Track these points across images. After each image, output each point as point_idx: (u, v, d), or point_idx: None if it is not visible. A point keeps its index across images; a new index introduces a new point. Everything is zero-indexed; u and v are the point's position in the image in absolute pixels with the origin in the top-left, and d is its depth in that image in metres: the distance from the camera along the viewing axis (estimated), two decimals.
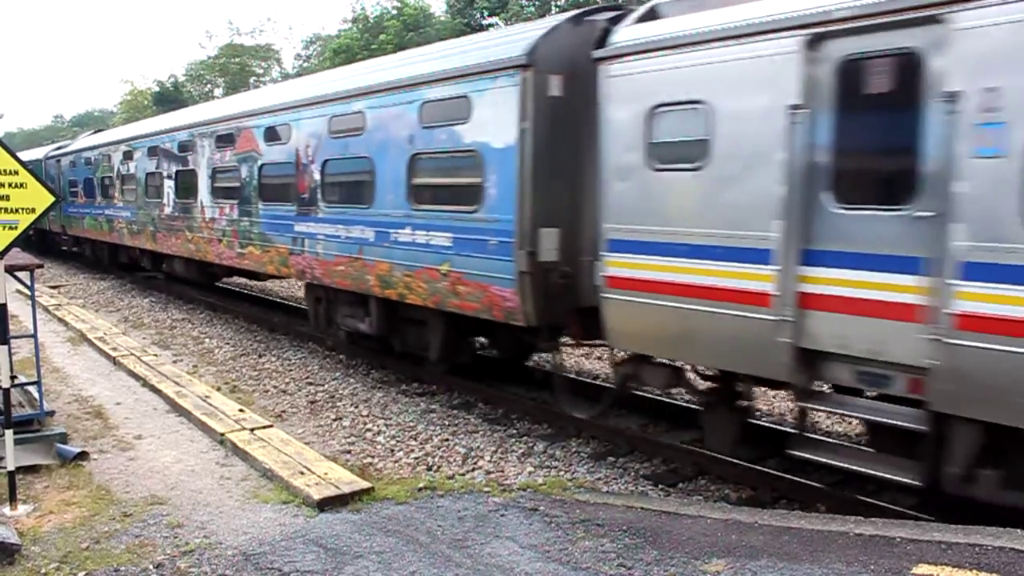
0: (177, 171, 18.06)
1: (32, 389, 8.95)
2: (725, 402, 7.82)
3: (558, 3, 35.17)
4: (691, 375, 8.43)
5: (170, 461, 7.79)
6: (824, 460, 6.61)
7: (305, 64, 59.65)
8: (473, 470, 8.43)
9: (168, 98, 55.33)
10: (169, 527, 6.15)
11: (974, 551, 4.95)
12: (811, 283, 6.40)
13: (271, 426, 8.72)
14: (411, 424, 9.96)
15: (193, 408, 9.28)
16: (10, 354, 7.43)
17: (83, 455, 7.78)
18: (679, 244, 7.28)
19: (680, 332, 7.43)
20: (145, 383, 10.80)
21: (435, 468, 8.51)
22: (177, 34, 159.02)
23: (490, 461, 8.65)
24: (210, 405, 9.43)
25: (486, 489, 7.04)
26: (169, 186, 18.50)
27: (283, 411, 10.62)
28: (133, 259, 23.45)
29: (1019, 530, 5.25)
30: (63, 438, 8.13)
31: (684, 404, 9.94)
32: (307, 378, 12.35)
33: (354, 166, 11.55)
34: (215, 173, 16.13)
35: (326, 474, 7.06)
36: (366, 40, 42.07)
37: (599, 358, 12.74)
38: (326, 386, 11.85)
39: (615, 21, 8.22)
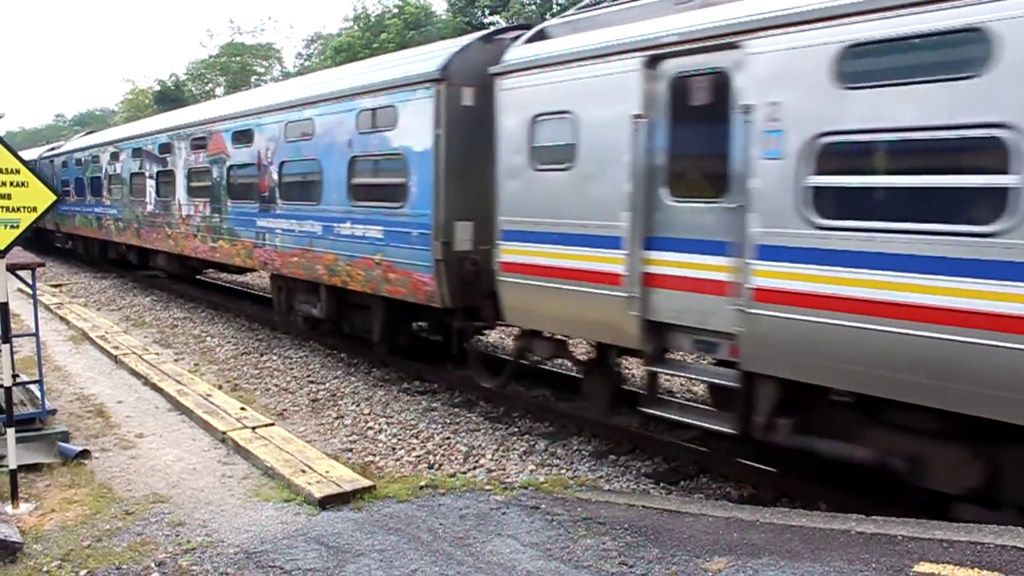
0: (158, 171, 19.36)
1: (34, 388, 8.95)
2: (600, 370, 8.83)
3: (559, 1, 35.14)
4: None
5: (172, 459, 7.80)
6: (667, 415, 7.79)
7: (306, 63, 59.60)
8: (474, 468, 8.43)
9: (169, 97, 55.28)
10: (171, 525, 6.15)
11: (975, 549, 4.95)
12: (652, 264, 7.54)
13: (272, 424, 8.72)
14: (412, 422, 9.97)
15: (195, 406, 9.28)
16: (12, 353, 7.44)
17: (85, 453, 7.78)
18: (555, 233, 8.46)
19: (558, 309, 8.58)
20: (147, 381, 10.80)
21: (436, 466, 8.52)
22: (178, 33, 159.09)
23: (491, 459, 8.66)
24: (211, 403, 9.43)
25: (487, 487, 7.04)
26: (151, 185, 19.74)
27: (284, 409, 10.63)
28: (121, 255, 24.50)
29: (1021, 528, 5.25)
30: (65, 436, 8.14)
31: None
32: (308, 376, 12.36)
33: (305, 167, 12.90)
34: (190, 173, 17.47)
35: (327, 472, 7.06)
36: (367, 39, 42.05)
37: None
38: (327, 384, 11.85)
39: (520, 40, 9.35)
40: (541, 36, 9.07)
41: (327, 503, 6.49)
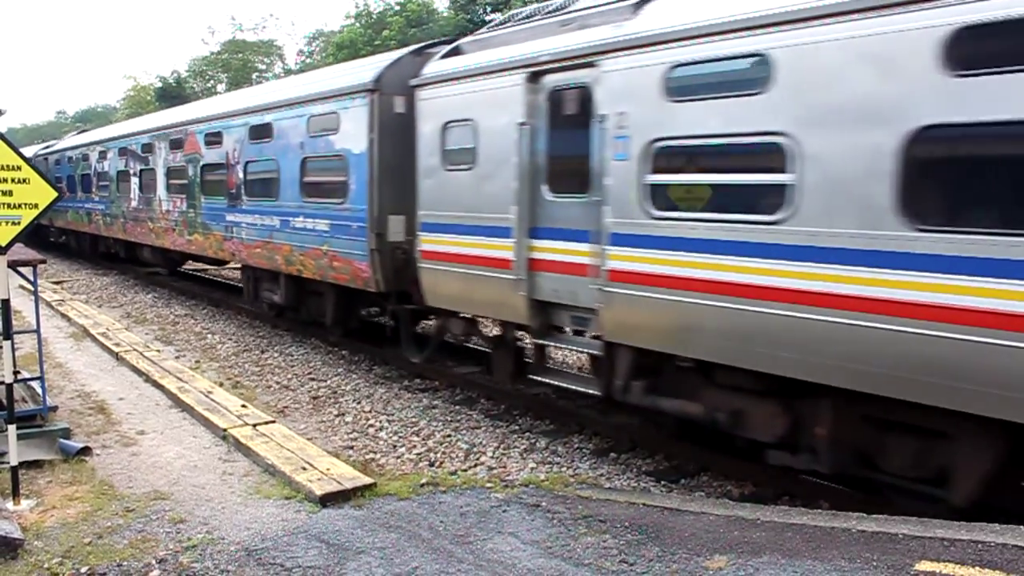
0: (141, 169, 20.73)
1: (35, 384, 8.95)
2: (503, 345, 9.89)
3: None
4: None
5: (172, 457, 7.80)
6: (550, 381, 9.00)
7: (308, 60, 59.60)
8: (475, 466, 8.43)
9: (171, 94, 55.26)
10: (171, 522, 6.16)
11: (976, 548, 4.94)
12: (535, 251, 8.73)
13: (273, 422, 8.73)
14: (413, 420, 9.97)
15: (196, 404, 9.29)
16: (13, 349, 7.45)
17: (86, 450, 7.79)
18: (461, 224, 9.67)
19: (465, 291, 9.81)
20: (148, 379, 10.81)
21: (437, 464, 8.52)
22: (180, 30, 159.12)
23: (492, 457, 8.66)
24: (212, 401, 9.44)
25: (488, 485, 7.04)
26: (135, 182, 21.17)
27: (285, 407, 10.64)
28: (108, 247, 25.95)
29: (1022, 527, 5.25)
30: (66, 433, 8.15)
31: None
32: (309, 374, 12.37)
33: (266, 167, 14.12)
34: (169, 171, 18.81)
35: (328, 470, 7.06)
36: (369, 36, 42.03)
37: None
38: (328, 382, 11.86)
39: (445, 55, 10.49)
40: (456, 52, 10.27)
41: (328, 500, 6.49)
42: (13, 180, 6.45)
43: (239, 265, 16.68)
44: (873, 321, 5.88)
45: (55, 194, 6.74)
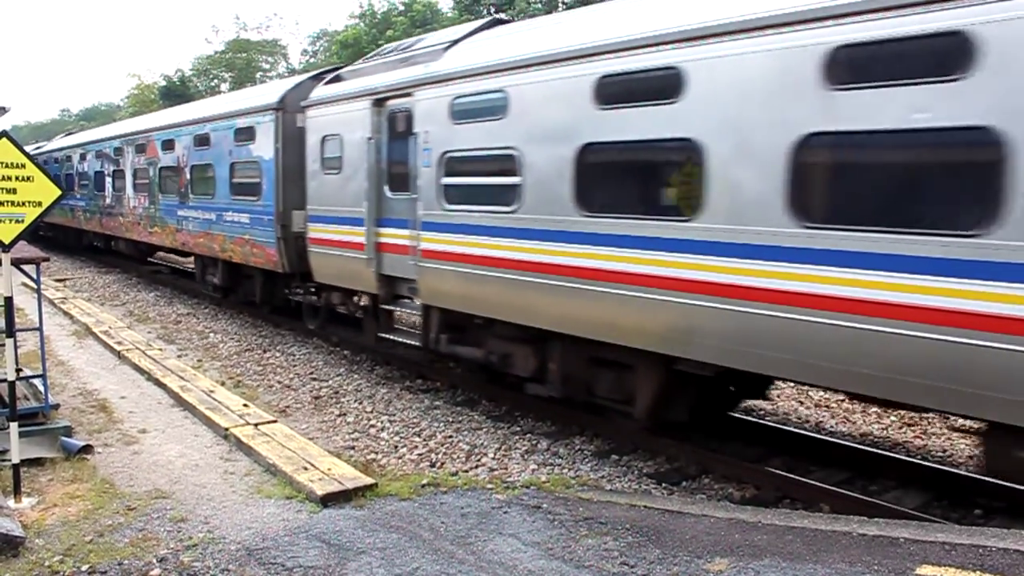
0: (114, 170, 23.62)
1: (37, 382, 8.97)
2: (371, 312, 12.09)
3: (565, 0, 35.10)
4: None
5: (174, 455, 7.81)
6: (390, 337, 11.63)
7: (312, 60, 59.63)
8: (476, 467, 8.43)
9: (175, 92, 55.29)
10: (173, 521, 6.16)
11: (978, 552, 4.94)
12: (381, 236, 11.40)
13: (275, 421, 8.74)
14: (415, 421, 9.97)
15: (197, 403, 9.30)
16: (16, 347, 7.46)
17: (87, 448, 7.80)
18: (333, 216, 12.43)
19: (338, 269, 12.54)
20: (150, 377, 10.82)
21: (438, 465, 8.52)
22: (184, 28, 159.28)
23: (493, 458, 8.66)
24: (214, 400, 9.45)
25: (489, 486, 7.04)
26: (110, 182, 24.02)
27: (287, 406, 10.65)
28: (90, 241, 29.10)
29: (1023, 531, 5.25)
30: (68, 431, 8.16)
31: None
32: (311, 374, 12.38)
33: (205, 170, 17.03)
34: (135, 172, 21.69)
35: (330, 470, 7.06)
36: (373, 35, 42.05)
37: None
38: (330, 382, 11.87)
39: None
40: (337, 79, 13.05)
41: (329, 501, 6.49)
42: (17, 178, 6.47)
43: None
44: (571, 283, 8.27)
45: (58, 192, 6.76)
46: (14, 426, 6.64)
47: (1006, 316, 5.33)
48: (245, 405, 9.28)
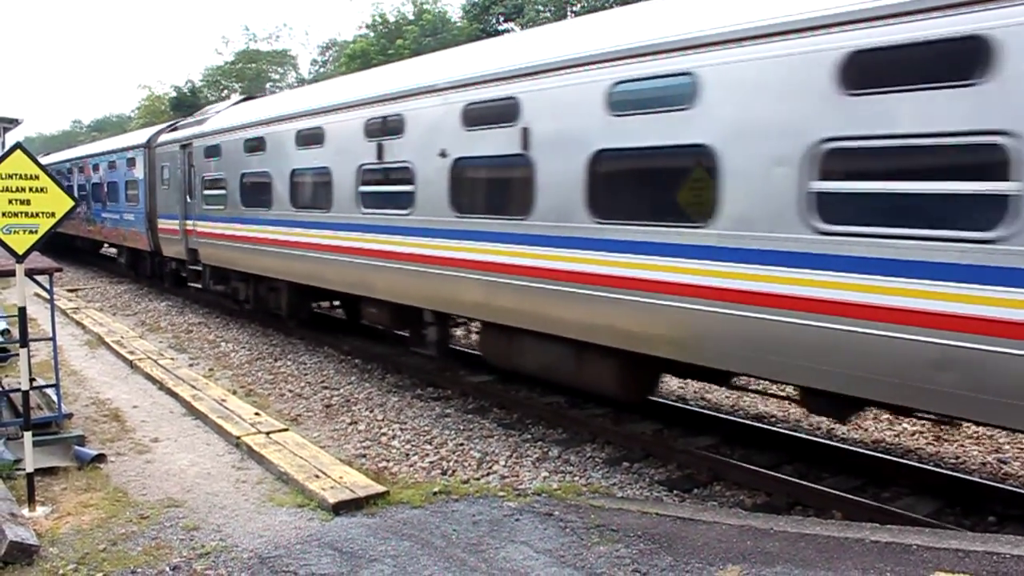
0: (68, 184, 30.30)
1: (50, 392, 9.02)
2: (197, 274, 18.56)
3: (574, 8, 35.18)
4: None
5: (186, 464, 7.84)
6: (193, 285, 18.53)
7: (321, 70, 59.89)
8: (488, 475, 8.43)
9: (185, 103, 55.67)
10: (185, 530, 6.19)
11: (992, 559, 4.92)
12: (186, 225, 18.23)
13: (287, 430, 8.75)
14: (426, 428, 9.98)
15: (209, 411, 9.33)
16: (29, 357, 7.51)
17: (100, 457, 7.83)
18: (166, 214, 19.69)
19: (169, 247, 19.87)
20: (162, 386, 10.87)
21: (450, 472, 8.52)
22: (194, 40, 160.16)
23: (505, 466, 8.66)
24: (226, 408, 9.48)
25: (501, 494, 7.04)
26: (82, 191, 30.14)
27: (298, 415, 10.67)
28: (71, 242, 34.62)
29: None
30: (81, 440, 8.19)
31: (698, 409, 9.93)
32: (322, 382, 12.40)
33: (111, 186, 25.35)
34: (79, 186, 29.47)
35: (341, 478, 7.08)
36: (382, 45, 42.23)
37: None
38: (341, 390, 11.89)
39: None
40: (173, 129, 20.65)
41: (341, 508, 6.50)
42: (31, 189, 6.52)
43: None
44: (259, 246, 14.36)
45: (72, 203, 6.81)
46: (28, 435, 6.68)
47: None
48: (257, 414, 9.31)
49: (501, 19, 39.14)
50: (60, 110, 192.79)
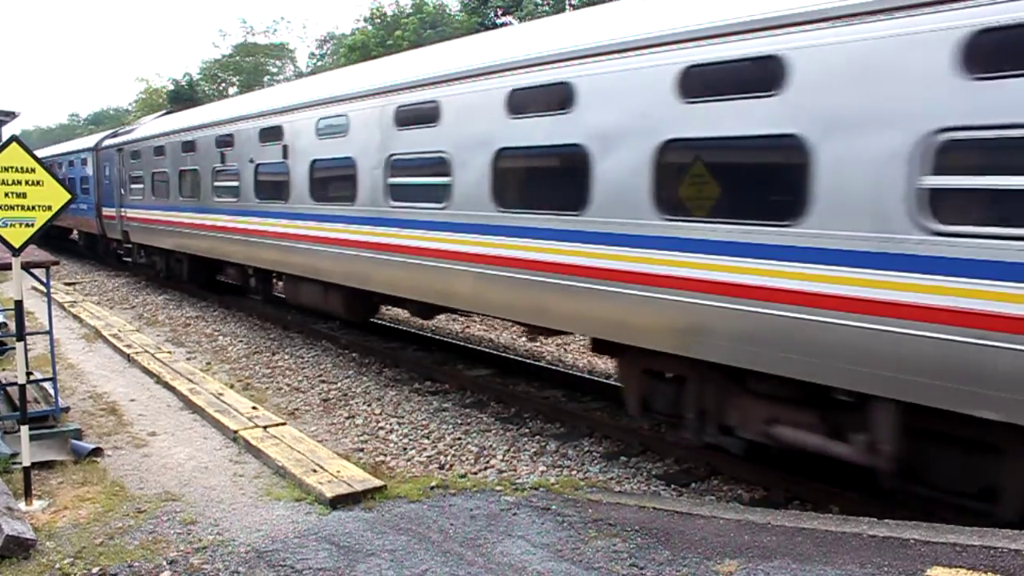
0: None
1: (47, 385, 9.00)
2: (132, 251, 23.69)
3: (572, 1, 35.10)
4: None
5: (183, 458, 7.83)
6: (129, 260, 24.33)
7: (319, 63, 59.75)
8: (485, 469, 8.43)
9: (183, 96, 55.51)
10: (182, 524, 6.18)
11: (989, 554, 4.92)
12: (123, 212, 23.27)
13: (284, 424, 8.75)
14: (424, 423, 9.98)
15: (206, 405, 9.32)
16: (26, 350, 7.49)
17: (97, 451, 7.83)
18: (109, 203, 24.55)
19: (111, 229, 24.93)
20: (159, 380, 10.86)
21: (447, 467, 8.52)
22: (192, 33, 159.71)
23: (502, 460, 8.66)
24: (223, 402, 9.47)
25: (498, 488, 7.04)
26: None
27: (296, 409, 10.66)
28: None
29: None
30: (78, 434, 8.18)
31: None
32: (320, 376, 12.39)
33: (72, 180, 28.91)
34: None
35: (339, 472, 7.07)
36: (381, 37, 42.13)
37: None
38: (339, 384, 11.88)
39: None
40: (115, 135, 25.66)
41: (338, 503, 6.50)
42: (27, 182, 6.50)
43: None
44: (173, 228, 19.39)
45: (68, 196, 6.79)
46: (25, 429, 6.67)
47: None
48: (254, 408, 9.30)
49: (499, 12, 39.04)
50: (57, 103, 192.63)
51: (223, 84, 64.21)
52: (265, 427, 8.46)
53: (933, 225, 5.54)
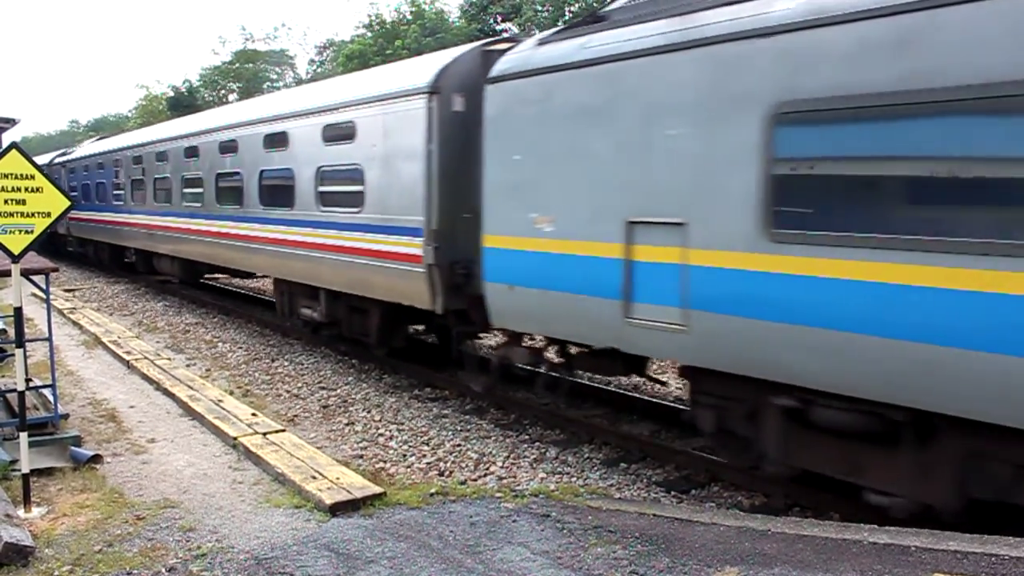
0: None
1: (47, 392, 9.00)
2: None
3: (572, 8, 35.18)
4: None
5: (183, 465, 7.82)
6: (80, 251, 31.85)
7: (319, 70, 59.82)
8: (485, 475, 8.42)
9: (183, 103, 55.54)
10: (182, 531, 6.17)
11: (990, 561, 4.91)
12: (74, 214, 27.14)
13: (283, 430, 8.73)
14: (423, 429, 9.96)
15: (206, 412, 9.31)
16: (26, 357, 7.48)
17: (96, 458, 7.81)
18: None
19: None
20: (158, 387, 10.84)
21: (447, 473, 8.51)
22: (192, 39, 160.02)
23: (502, 467, 8.64)
24: (223, 409, 9.46)
25: (498, 495, 7.03)
26: None
27: (295, 415, 10.65)
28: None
29: None
30: (77, 441, 8.18)
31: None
32: (319, 383, 12.38)
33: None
34: None
35: (338, 479, 7.06)
36: (380, 46, 42.19)
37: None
38: (338, 391, 11.87)
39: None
40: (64, 153, 32.58)
41: (337, 510, 6.48)
42: (27, 189, 6.50)
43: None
44: (105, 225, 25.90)
45: (68, 203, 6.80)
46: (24, 436, 6.66)
47: None
48: (253, 414, 9.29)
49: (499, 19, 39.10)
50: (57, 110, 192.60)
51: (223, 91, 64.23)
52: (264, 434, 8.45)
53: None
